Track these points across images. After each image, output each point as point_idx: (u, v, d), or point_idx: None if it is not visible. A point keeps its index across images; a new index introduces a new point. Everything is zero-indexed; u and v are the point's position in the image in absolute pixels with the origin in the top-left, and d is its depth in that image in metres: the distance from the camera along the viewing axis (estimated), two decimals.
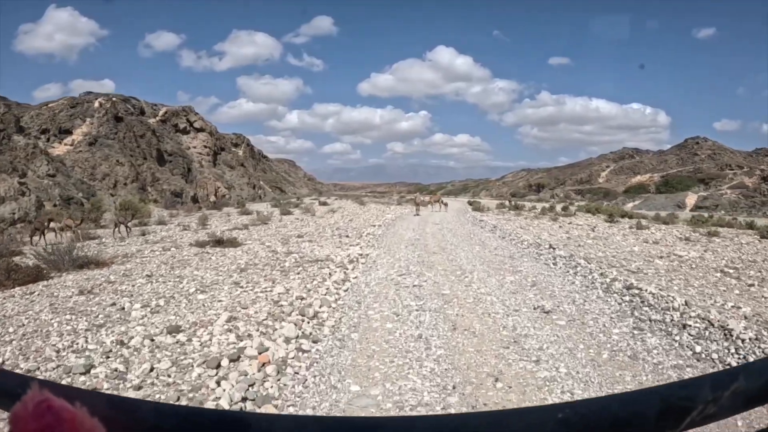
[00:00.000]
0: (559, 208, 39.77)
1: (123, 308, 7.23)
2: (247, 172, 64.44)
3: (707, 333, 5.98)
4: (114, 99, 57.73)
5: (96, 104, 56.32)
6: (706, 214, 43.21)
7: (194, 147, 60.40)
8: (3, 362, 5.31)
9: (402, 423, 0.46)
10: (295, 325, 6.13)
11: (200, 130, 62.41)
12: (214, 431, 0.43)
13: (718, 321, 6.12)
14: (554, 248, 13.41)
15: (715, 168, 69.45)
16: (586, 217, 32.44)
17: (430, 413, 1.93)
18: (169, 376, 4.79)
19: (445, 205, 38.13)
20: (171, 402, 3.84)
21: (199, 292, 8.41)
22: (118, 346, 5.47)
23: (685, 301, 7.00)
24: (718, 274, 9.81)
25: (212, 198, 46.38)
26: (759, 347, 5.49)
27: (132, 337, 5.68)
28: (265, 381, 4.70)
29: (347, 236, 17.07)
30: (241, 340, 5.62)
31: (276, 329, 6.04)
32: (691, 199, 54.42)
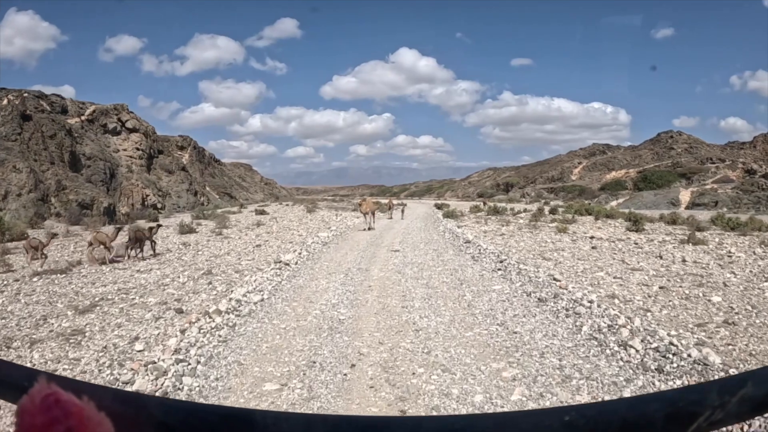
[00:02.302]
0: (546, 210, 30.49)
1: None
2: (188, 177, 53.55)
3: None
4: (26, 95, 46.32)
5: (4, 101, 44.99)
6: (707, 212, 35.07)
7: (124, 150, 49.33)
8: None
9: (409, 423, 0.44)
10: None
11: (133, 130, 51.29)
12: (221, 427, 0.42)
13: None
14: None
15: (694, 162, 61.55)
16: (589, 222, 23.25)
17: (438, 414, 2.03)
18: None
19: (402, 210, 28.56)
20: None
21: None
22: None
23: None
24: None
25: (124, 209, 35.53)
26: None
27: None
28: None
29: (181, 310, 7.10)
30: None
31: None
32: (685, 195, 46.06)
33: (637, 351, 4.90)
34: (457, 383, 4.22)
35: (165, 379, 4.36)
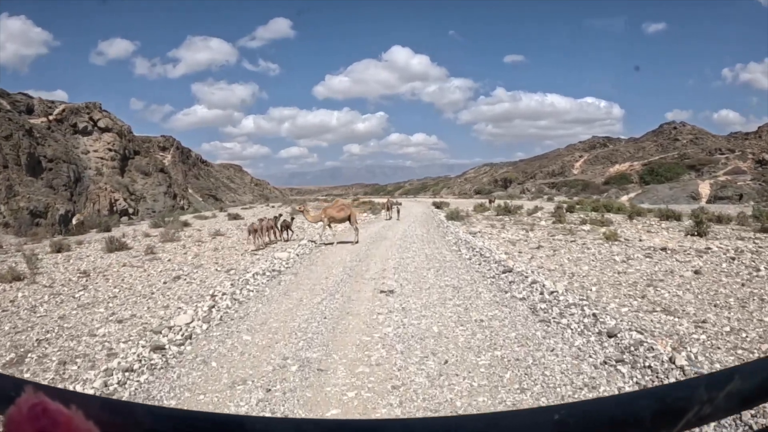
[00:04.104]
0: (563, 207, 25.01)
1: None
2: (167, 180, 47.76)
3: None
4: None
5: None
6: (734, 206, 29.99)
7: (95, 151, 43.55)
8: None
9: (399, 425, 0.42)
10: None
11: (106, 129, 45.50)
12: None
13: None
14: None
15: (702, 153, 56.14)
16: (623, 222, 18.03)
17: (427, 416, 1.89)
18: None
19: (397, 211, 23.35)
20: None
21: None
22: None
23: None
24: None
25: (77, 219, 29.65)
26: None
27: None
28: None
29: None
30: None
31: None
32: (704, 188, 40.59)
33: None
34: None
35: None
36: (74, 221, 27.58)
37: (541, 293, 6.24)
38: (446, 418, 0.40)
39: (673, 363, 3.90)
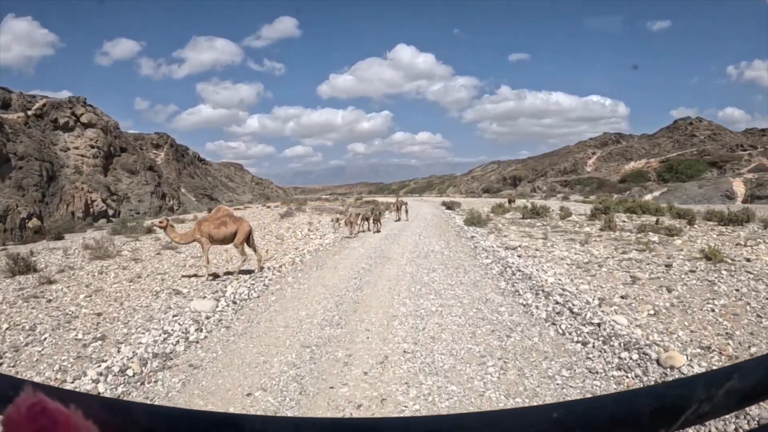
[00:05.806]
0: (601, 209, 20.34)
1: None
2: (156, 178, 43.27)
3: None
4: None
5: None
6: None
7: (76, 147, 39.09)
8: None
9: (397, 424, 0.42)
10: None
11: (89, 125, 41.06)
12: None
13: None
14: None
15: (723, 150, 51.29)
16: (690, 229, 13.49)
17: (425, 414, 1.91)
18: None
19: (406, 211, 19.12)
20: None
21: None
22: None
23: None
24: None
25: (33, 224, 25.05)
26: None
27: None
28: None
29: None
30: None
31: None
32: (738, 186, 35.72)
33: None
34: None
35: None
36: (30, 226, 23.02)
37: None
38: (445, 417, 0.39)
39: None
